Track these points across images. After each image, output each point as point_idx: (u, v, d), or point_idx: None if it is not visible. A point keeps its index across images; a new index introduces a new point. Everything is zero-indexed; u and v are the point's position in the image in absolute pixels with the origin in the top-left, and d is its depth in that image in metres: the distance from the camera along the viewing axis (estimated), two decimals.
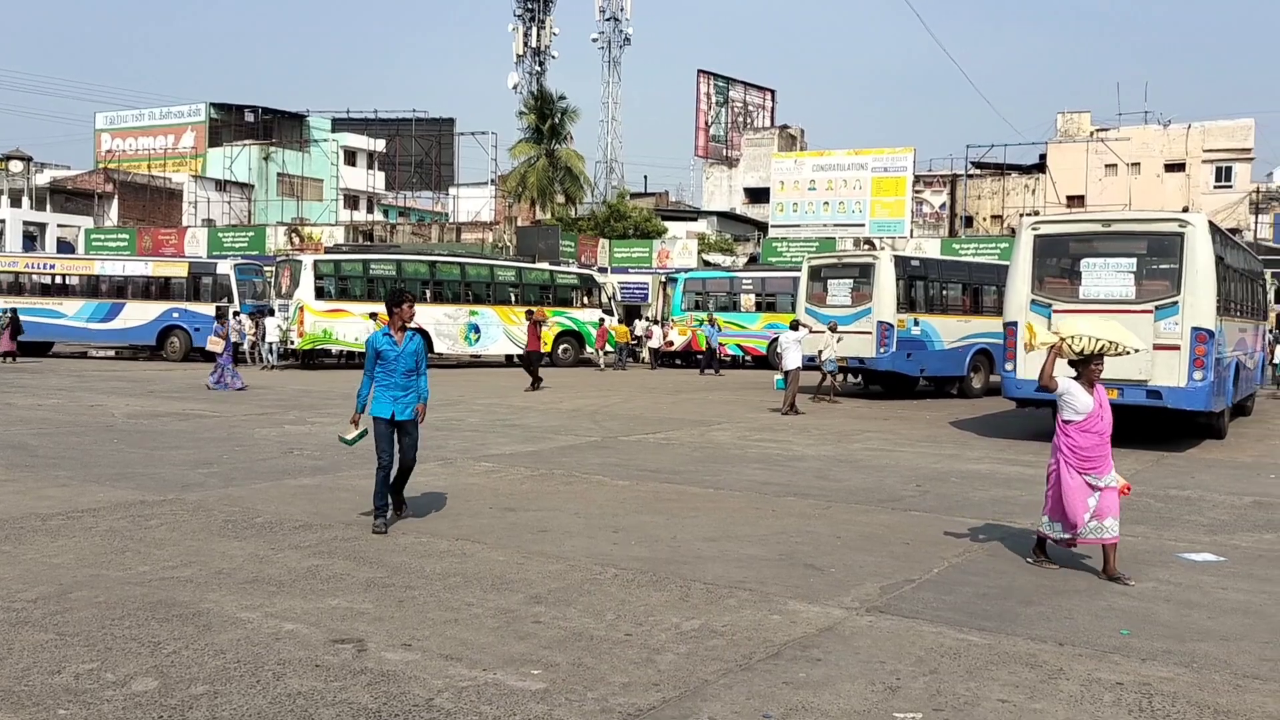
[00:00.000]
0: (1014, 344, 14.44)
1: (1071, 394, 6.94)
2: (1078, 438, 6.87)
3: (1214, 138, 50.85)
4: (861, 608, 6.03)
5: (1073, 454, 6.86)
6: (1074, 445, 6.87)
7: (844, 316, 21.40)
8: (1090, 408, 6.87)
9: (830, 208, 46.62)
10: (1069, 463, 6.87)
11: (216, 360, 21.27)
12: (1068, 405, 6.96)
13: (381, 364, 7.77)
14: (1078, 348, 6.90)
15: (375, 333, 7.96)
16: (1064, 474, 6.89)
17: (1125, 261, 13.79)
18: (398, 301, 7.82)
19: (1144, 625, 5.77)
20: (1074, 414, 6.91)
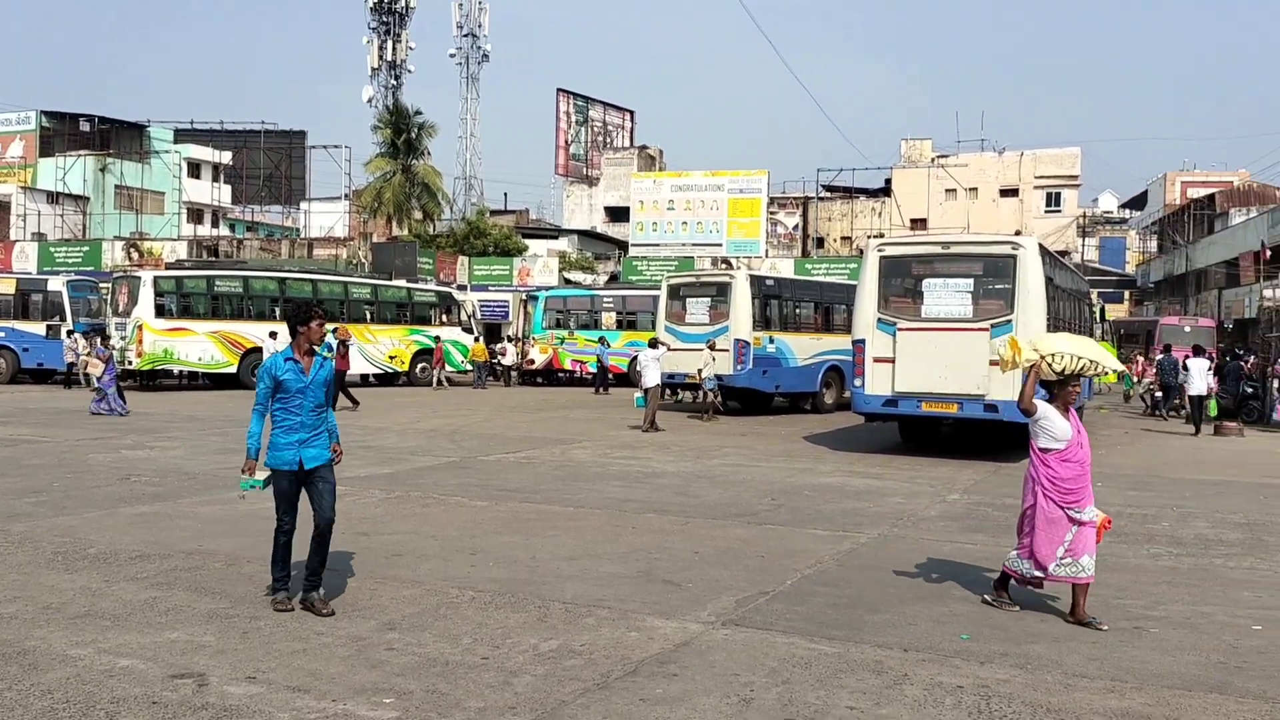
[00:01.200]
0: (863, 360, 14.97)
1: (1049, 419, 6.35)
2: (1058, 468, 6.29)
3: (1044, 165, 54.12)
4: (718, 621, 6.11)
5: (1054, 486, 6.27)
6: (1054, 476, 6.28)
7: (702, 334, 21.75)
8: (1069, 434, 6.31)
9: (689, 227, 47.38)
10: (1049, 495, 6.29)
11: (95, 384, 19.84)
12: (1045, 432, 6.35)
13: (282, 397, 6.12)
14: (1058, 367, 6.36)
15: (274, 356, 6.26)
16: (1042, 505, 6.30)
17: (963, 282, 14.49)
18: (304, 318, 6.22)
19: (983, 629, 6.05)
20: (1052, 441, 6.32)
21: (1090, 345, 6.62)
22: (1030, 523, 6.37)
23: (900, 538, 8.89)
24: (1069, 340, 6.58)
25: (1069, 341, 6.58)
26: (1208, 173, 62.83)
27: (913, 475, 13.01)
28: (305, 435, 6.14)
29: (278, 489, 6.15)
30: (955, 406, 14.40)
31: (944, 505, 10.72)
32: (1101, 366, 6.47)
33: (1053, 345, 6.47)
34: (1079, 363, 6.35)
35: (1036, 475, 6.36)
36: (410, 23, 59.98)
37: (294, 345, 6.25)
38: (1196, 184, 59.57)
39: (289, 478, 6.12)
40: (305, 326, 6.22)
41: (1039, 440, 6.38)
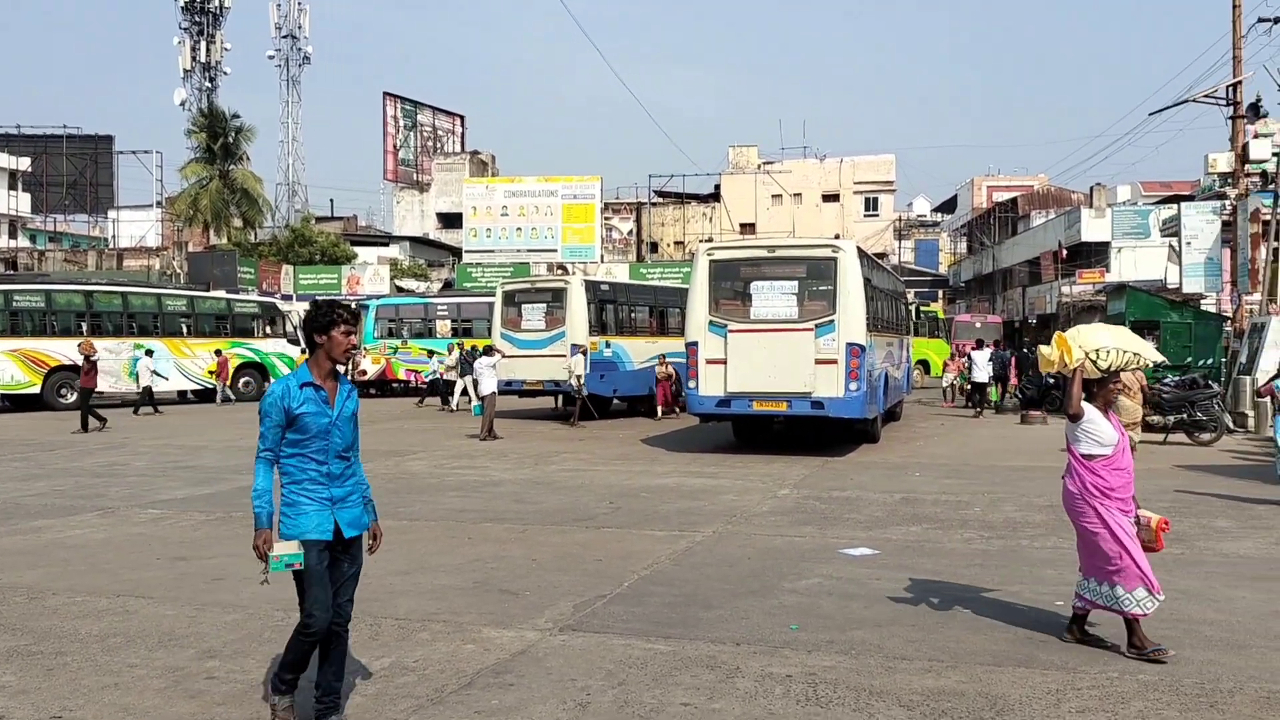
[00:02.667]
0: (696, 362, 15.26)
1: (1094, 422, 5.61)
2: (1108, 476, 5.55)
3: (862, 171, 56.56)
4: (555, 628, 6.10)
5: (1107, 496, 5.54)
6: (1107, 487, 5.53)
7: (539, 340, 21.71)
8: (1115, 437, 5.60)
9: (524, 233, 47.19)
10: (1109, 506, 5.53)
11: None
12: (1089, 436, 5.61)
13: (298, 440, 4.38)
14: (1104, 364, 5.66)
15: (283, 381, 4.47)
16: (1114, 520, 5.50)
17: (789, 284, 14.98)
18: (324, 323, 4.44)
19: (811, 619, 6.25)
20: (1098, 446, 5.58)
21: (1129, 336, 5.96)
22: (1101, 541, 5.53)
23: (734, 534, 9.10)
24: (1110, 333, 5.91)
25: (1110, 334, 5.89)
26: (1010, 177, 66.98)
27: (746, 473, 13.34)
28: (337, 488, 4.45)
29: (308, 564, 4.33)
30: (785, 405, 14.86)
31: (775, 500, 11.04)
32: (1144, 359, 5.84)
33: (1096, 340, 5.76)
34: (1124, 356, 5.72)
35: (1085, 486, 5.58)
36: (225, 23, 57.47)
37: (311, 364, 4.48)
38: (1001, 188, 63.41)
39: (321, 549, 4.35)
40: (326, 335, 4.43)
41: (1081, 446, 5.64)
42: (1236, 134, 23.20)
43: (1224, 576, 7.36)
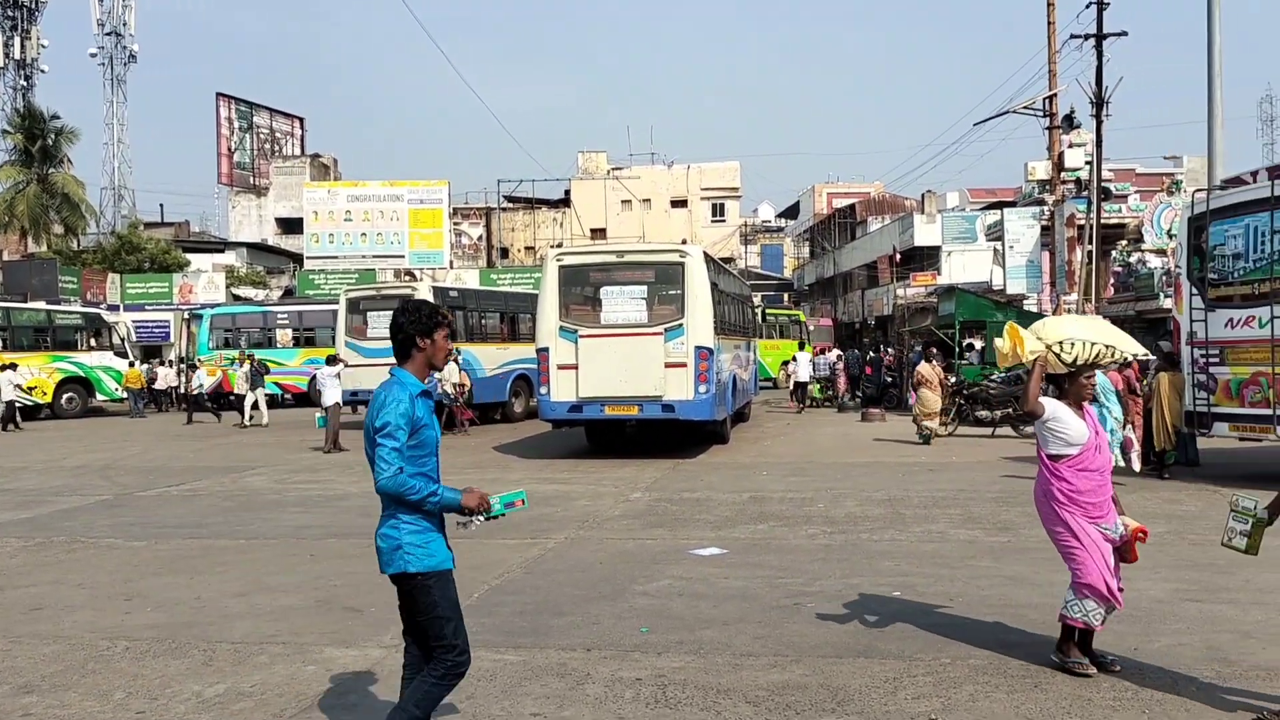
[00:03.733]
0: (548, 368, 15.21)
1: (1060, 419, 5.22)
2: (1074, 479, 5.18)
3: (709, 177, 57.64)
4: (401, 645, 5.93)
5: (1072, 502, 5.17)
6: (1073, 490, 5.17)
7: (387, 349, 21.08)
8: (1085, 436, 5.20)
9: (368, 239, 46.00)
10: (1075, 514, 5.19)
11: None
12: (1056, 436, 5.22)
13: (418, 454, 3.83)
14: (1069, 356, 5.24)
15: (399, 391, 3.82)
16: (1081, 525, 5.17)
17: (638, 289, 15.11)
18: (428, 326, 3.94)
19: (661, 620, 6.30)
20: (1065, 446, 5.21)
21: (1104, 327, 5.53)
22: (1067, 548, 5.23)
23: (586, 539, 9.10)
24: (1079, 324, 5.49)
25: (1079, 325, 5.45)
26: (849, 184, 69.42)
27: (599, 477, 13.37)
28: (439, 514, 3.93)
29: (447, 598, 3.93)
30: (636, 409, 14.97)
31: (627, 504, 11.09)
32: (1120, 352, 5.36)
33: (1060, 331, 5.33)
34: (1092, 350, 5.25)
35: (1050, 491, 5.24)
36: (41, 18, 53.94)
37: (411, 371, 3.94)
38: (840, 195, 65.61)
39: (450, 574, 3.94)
40: (429, 339, 3.94)
41: (1048, 446, 5.26)
42: (1053, 143, 24.74)
43: (1049, 562, 7.76)
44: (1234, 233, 11.81)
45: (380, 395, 3.83)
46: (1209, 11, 18.50)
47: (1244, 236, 11.68)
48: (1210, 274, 12.08)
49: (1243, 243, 11.70)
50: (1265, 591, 6.73)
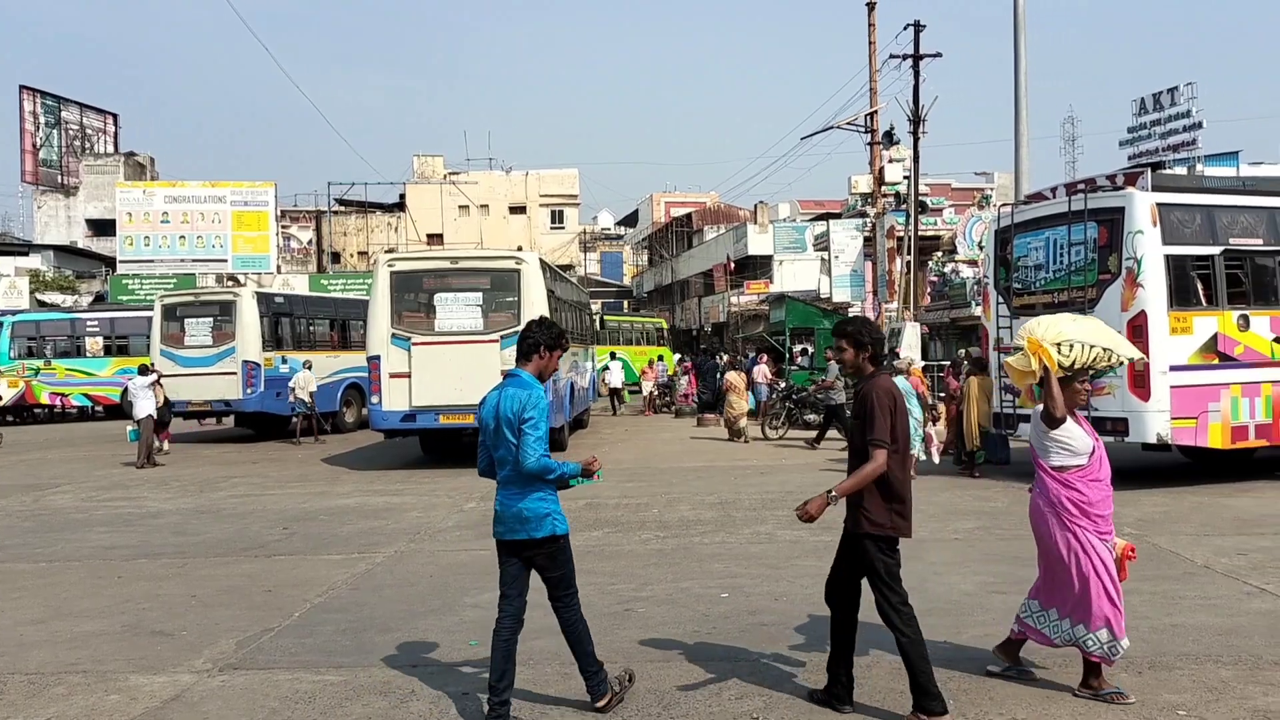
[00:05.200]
0: (379, 377, 14.83)
1: (1067, 429, 4.94)
2: (1086, 489, 4.87)
3: (548, 184, 57.57)
4: (215, 668, 5.66)
5: (1084, 515, 4.85)
6: (1084, 502, 4.85)
7: (206, 358, 20.26)
8: (1089, 445, 4.94)
9: (188, 242, 43.80)
10: (1085, 529, 4.84)
11: None
12: (1062, 445, 4.93)
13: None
14: (1067, 360, 4.93)
15: (541, 389, 4.75)
16: (1091, 546, 4.83)
17: (473, 296, 14.93)
18: (564, 346, 5.03)
19: (489, 634, 6.20)
20: (1071, 457, 4.91)
21: (1100, 329, 5.19)
22: (1073, 568, 4.85)
23: (416, 552, 8.90)
24: (1075, 324, 5.13)
25: (1076, 326, 5.11)
26: (686, 194, 70.78)
27: (433, 488, 13.12)
28: None
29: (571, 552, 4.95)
30: (472, 418, 14.74)
31: (461, 514, 10.92)
32: (1116, 355, 5.04)
33: (1058, 331, 5.00)
34: (1090, 352, 4.96)
35: (1060, 503, 4.87)
36: None
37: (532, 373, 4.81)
38: (677, 204, 66.82)
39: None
40: (551, 354, 4.89)
41: (1052, 458, 4.95)
42: (874, 159, 25.87)
43: None
44: (1035, 245, 12.62)
45: (518, 393, 4.65)
46: (1015, 38, 19.76)
47: (1044, 248, 12.49)
48: (1015, 284, 12.86)
49: (1043, 254, 12.50)
50: None
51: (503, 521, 4.69)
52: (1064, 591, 4.91)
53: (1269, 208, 11.95)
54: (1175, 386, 11.03)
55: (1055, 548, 4.90)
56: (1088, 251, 11.74)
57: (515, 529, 4.66)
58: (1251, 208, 11.90)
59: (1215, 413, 11.16)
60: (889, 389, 4.62)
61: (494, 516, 4.77)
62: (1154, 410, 11.00)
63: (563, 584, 4.79)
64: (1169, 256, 11.14)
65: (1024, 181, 20.23)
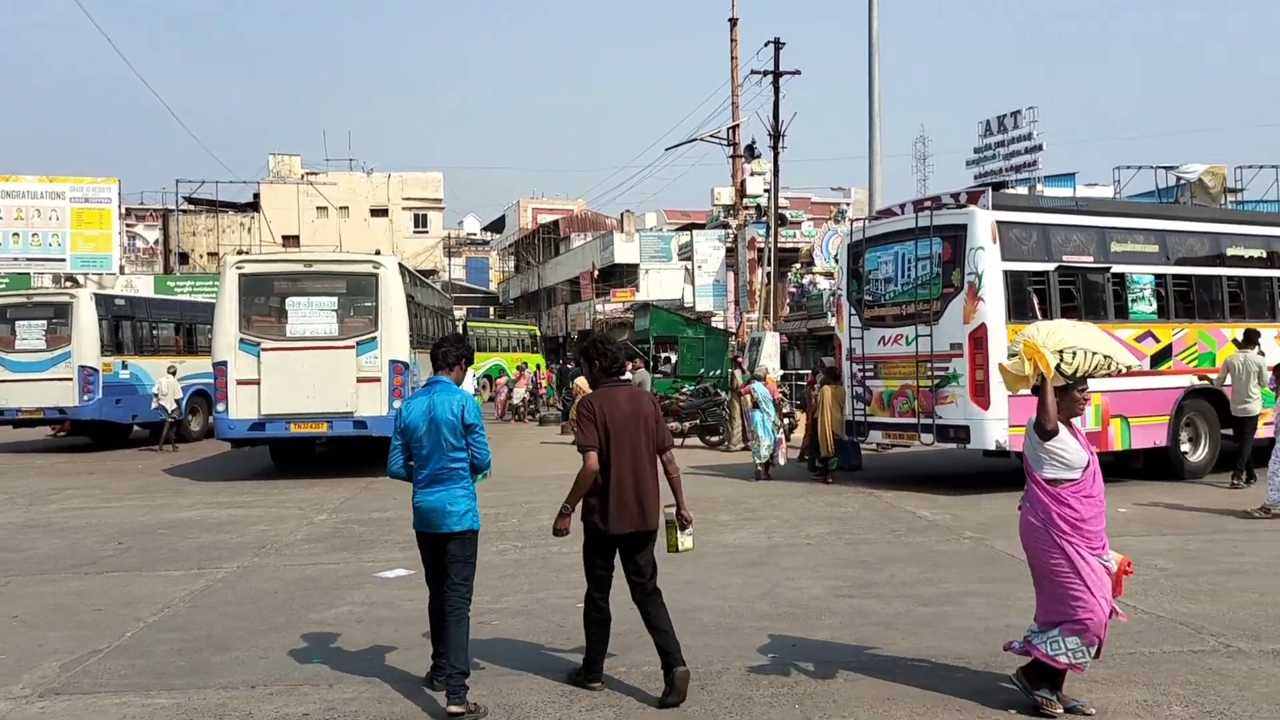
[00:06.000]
0: (225, 383, 14.24)
1: (1063, 441, 4.76)
2: (1079, 505, 4.71)
3: (411, 187, 56.53)
4: (35, 694, 5.30)
5: (1076, 531, 4.69)
6: (1077, 518, 4.69)
7: (38, 362, 19.08)
8: (1085, 458, 4.76)
9: (22, 239, 41.15)
10: (1078, 545, 4.69)
11: None
12: (1057, 458, 4.74)
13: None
14: (1069, 368, 4.73)
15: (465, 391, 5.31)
16: (1082, 562, 4.68)
17: (328, 300, 14.50)
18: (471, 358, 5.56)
19: (337, 650, 6.02)
20: (1066, 470, 4.73)
21: (1099, 335, 4.99)
22: (1067, 584, 4.70)
23: (261, 567, 8.56)
24: (1076, 331, 4.93)
25: (1077, 333, 4.91)
26: (553, 200, 70.64)
27: (282, 499, 12.66)
28: None
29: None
30: (325, 425, 14.34)
31: (311, 527, 10.57)
32: (1116, 362, 4.87)
33: (1060, 338, 4.80)
34: (1092, 360, 4.77)
35: (1051, 519, 4.71)
36: None
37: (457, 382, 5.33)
38: (545, 210, 66.61)
39: None
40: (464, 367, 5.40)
41: (1045, 470, 4.77)
42: (736, 171, 26.37)
43: (721, 566, 8.22)
44: (885, 259, 13.07)
45: (457, 398, 5.11)
46: (870, 60, 20.47)
47: (894, 262, 12.94)
48: (866, 296, 13.28)
49: (893, 268, 12.95)
50: (907, 585, 7.44)
51: (425, 515, 5.07)
52: (1055, 604, 4.76)
53: (1099, 227, 12.68)
54: (1013, 396, 11.56)
55: (1047, 564, 4.73)
56: (933, 266, 12.22)
57: (438, 523, 5.03)
58: (1083, 227, 12.61)
59: None
60: (590, 401, 5.13)
61: (415, 512, 5.14)
62: (993, 418, 11.50)
63: (466, 574, 5.12)
64: (1007, 272, 11.69)
65: (878, 197, 20.96)
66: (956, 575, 7.71)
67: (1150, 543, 8.84)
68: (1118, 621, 5.90)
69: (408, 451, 5.12)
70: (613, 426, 5.00)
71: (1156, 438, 12.41)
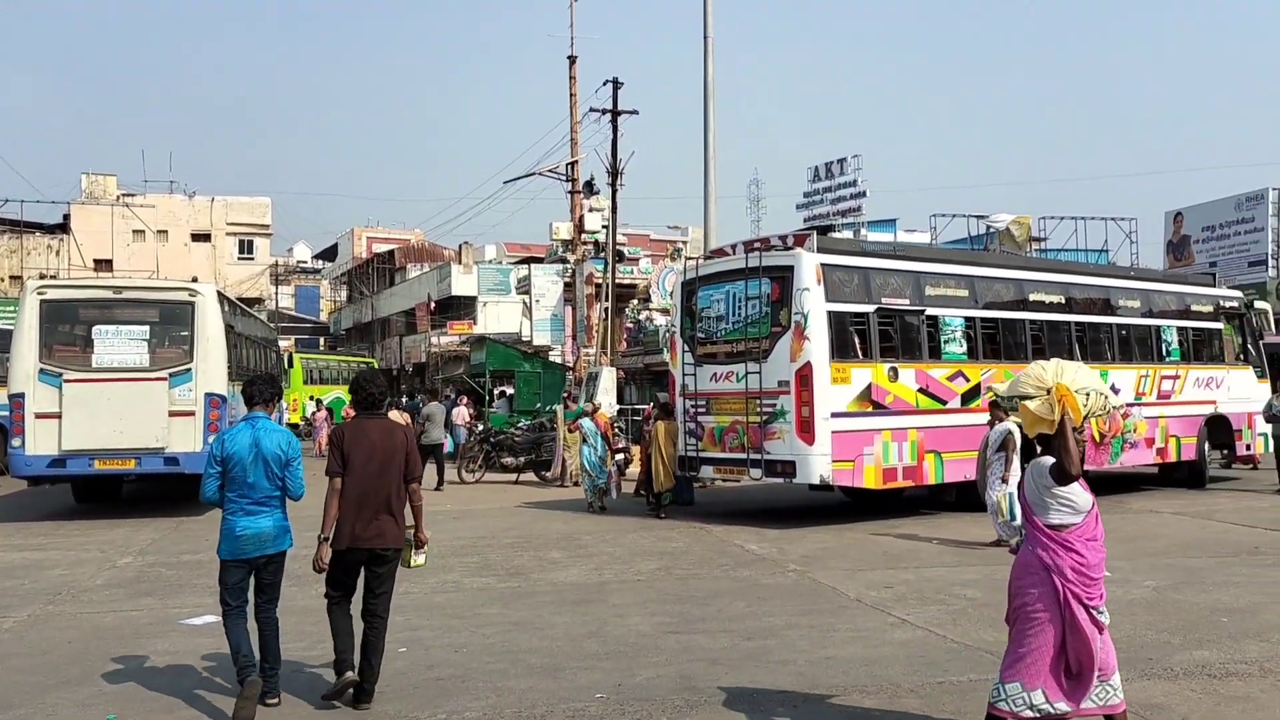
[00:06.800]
0: (22, 417, 13.23)
1: (1073, 486, 4.58)
2: (1085, 551, 4.50)
3: (236, 212, 54.28)
4: None
5: (1079, 578, 4.46)
6: (1081, 565, 4.47)
7: None
8: (1089, 501, 4.59)
9: None
10: (1075, 593, 4.46)
11: None
12: (1064, 503, 4.54)
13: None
14: (1085, 409, 4.61)
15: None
16: (1073, 610, 4.45)
17: (139, 329, 13.69)
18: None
19: (135, 703, 5.62)
20: (1072, 514, 4.54)
21: (1089, 372, 4.89)
22: (1043, 635, 4.50)
23: (55, 615, 7.93)
24: (1081, 370, 4.82)
25: (1083, 372, 4.81)
26: (389, 230, 69.20)
27: (83, 541, 11.81)
28: None
29: None
30: (133, 462, 13.50)
31: (113, 571, 9.88)
32: (1108, 401, 4.78)
33: (1073, 379, 4.67)
34: (1099, 400, 4.69)
35: (1056, 565, 4.48)
36: None
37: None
38: (380, 239, 65.16)
39: None
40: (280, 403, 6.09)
41: (1051, 515, 4.55)
42: (575, 207, 26.54)
43: (551, 605, 8.12)
44: (717, 297, 13.37)
45: (282, 434, 5.69)
46: (705, 103, 21.04)
47: (725, 301, 13.25)
48: (699, 333, 13.54)
49: (724, 306, 13.27)
50: (733, 620, 7.54)
51: (244, 540, 5.49)
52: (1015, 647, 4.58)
53: (915, 271, 13.36)
54: (836, 432, 11.98)
55: (1027, 605, 4.53)
56: (763, 305, 12.58)
57: (259, 547, 5.52)
58: (900, 271, 13.26)
59: (869, 455, 12.22)
60: (341, 430, 5.72)
61: (231, 537, 5.52)
62: (818, 453, 11.89)
63: (277, 590, 5.71)
64: (831, 312, 12.15)
65: (713, 237, 21.47)
66: (780, 609, 7.87)
67: (959, 573, 9.27)
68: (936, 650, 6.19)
69: (223, 479, 5.51)
70: (358, 455, 5.53)
71: (966, 471, 13.07)
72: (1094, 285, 15.73)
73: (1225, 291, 18.30)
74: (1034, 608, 4.49)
